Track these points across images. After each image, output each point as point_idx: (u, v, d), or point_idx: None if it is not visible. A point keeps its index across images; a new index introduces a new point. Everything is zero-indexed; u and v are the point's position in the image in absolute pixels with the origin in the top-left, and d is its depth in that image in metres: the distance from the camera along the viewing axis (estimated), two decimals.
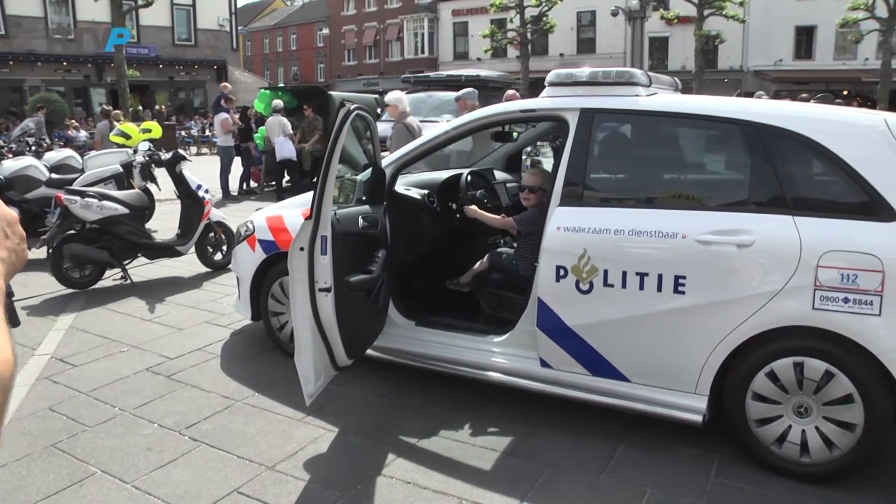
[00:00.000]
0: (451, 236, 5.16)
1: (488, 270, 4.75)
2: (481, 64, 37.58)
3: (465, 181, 5.04)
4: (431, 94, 14.62)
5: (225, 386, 4.68)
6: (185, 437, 3.96)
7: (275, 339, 5.23)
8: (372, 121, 4.44)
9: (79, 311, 6.48)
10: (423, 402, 4.36)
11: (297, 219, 4.64)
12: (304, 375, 3.77)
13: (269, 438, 3.93)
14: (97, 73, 35.48)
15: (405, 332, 4.57)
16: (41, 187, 8.93)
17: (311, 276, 3.71)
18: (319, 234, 3.68)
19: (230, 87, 15.72)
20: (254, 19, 65.28)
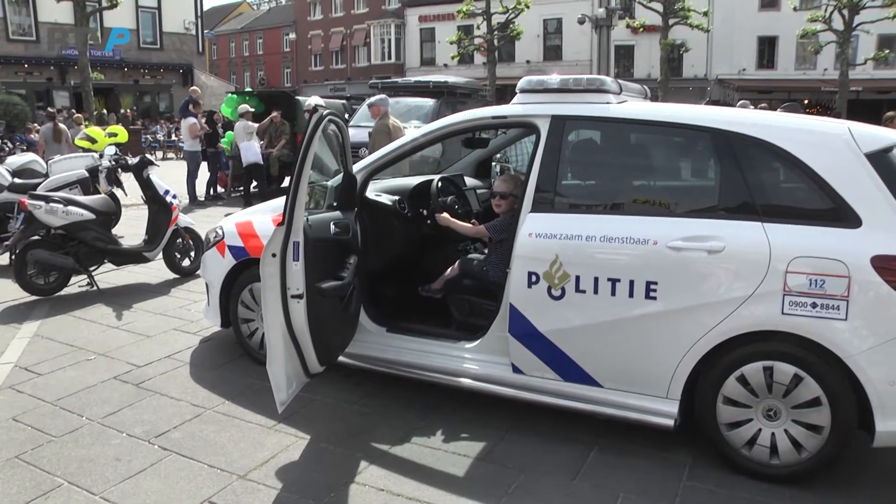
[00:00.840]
0: (422, 242, 5.15)
1: (459, 277, 4.75)
2: (448, 70, 37.73)
3: (435, 187, 5.04)
4: (399, 101, 14.60)
5: (195, 394, 4.62)
6: (154, 447, 3.90)
7: (245, 346, 5.18)
8: (343, 126, 4.44)
9: (43, 318, 6.35)
10: (395, 409, 4.35)
11: (267, 225, 4.62)
12: (275, 383, 3.73)
13: (241, 447, 3.88)
14: (60, 76, 34.88)
15: (376, 339, 4.56)
16: (3, 192, 8.76)
17: (283, 283, 3.68)
18: (292, 240, 3.65)
19: (199, 91, 15.57)
20: (220, 23, 64.81)
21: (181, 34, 40.03)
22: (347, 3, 50.27)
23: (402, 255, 5.07)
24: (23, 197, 7.12)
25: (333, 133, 4.36)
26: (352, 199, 4.47)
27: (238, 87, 47.31)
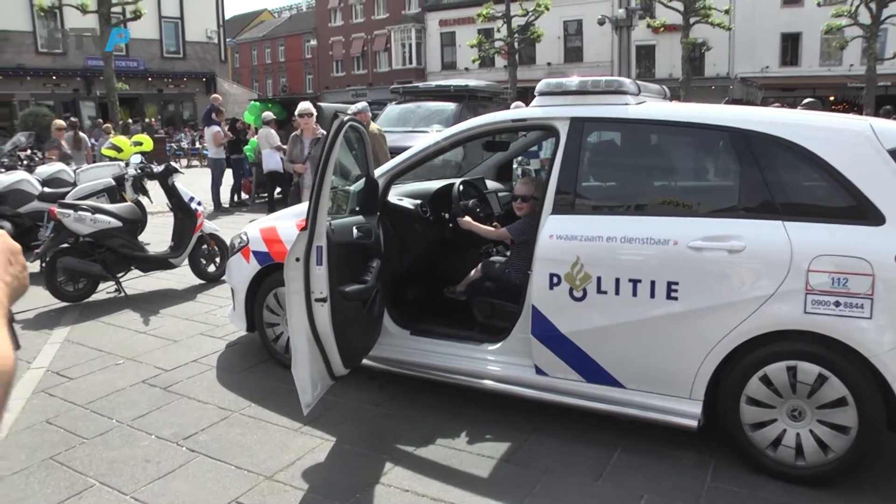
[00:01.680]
0: (444, 245, 5.18)
1: (481, 279, 4.78)
2: (469, 74, 37.71)
3: (457, 191, 5.08)
4: (420, 105, 14.67)
5: (221, 397, 4.69)
6: (182, 449, 3.97)
7: (270, 349, 5.24)
8: (364, 131, 4.48)
9: (73, 324, 6.47)
10: (420, 411, 4.38)
11: (290, 230, 4.67)
12: (301, 385, 3.79)
13: (267, 448, 3.94)
14: (86, 87, 35.45)
15: (400, 342, 4.59)
16: (34, 201, 8.93)
17: (307, 287, 3.73)
18: (315, 244, 3.70)
19: (220, 99, 15.73)
20: (242, 31, 65.37)
21: (203, 43, 40.50)
22: (367, 9, 50.44)
23: (425, 258, 5.11)
24: (52, 206, 7.27)
25: (355, 138, 4.41)
26: (374, 204, 4.51)
27: (260, 94, 47.76)
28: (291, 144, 9.10)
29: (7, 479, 3.66)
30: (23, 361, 5.34)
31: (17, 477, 3.68)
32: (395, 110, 14.96)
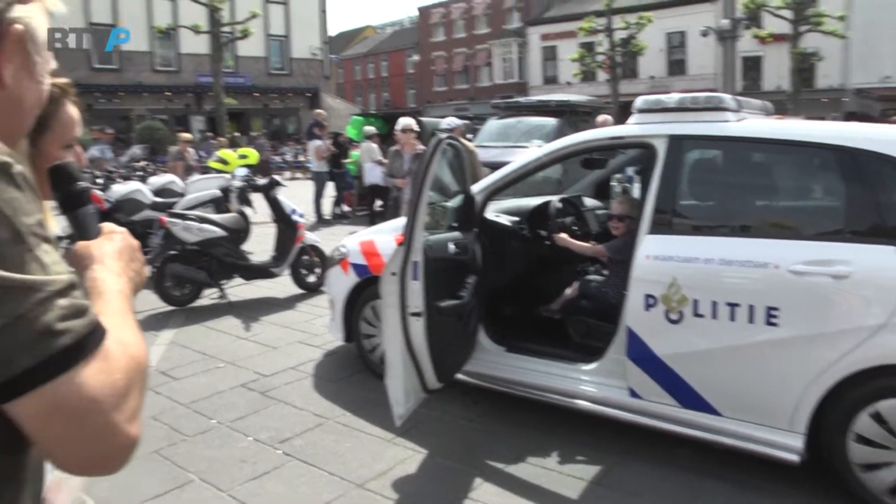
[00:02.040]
0: (540, 263, 5.19)
1: (578, 298, 4.76)
2: (570, 88, 37.49)
3: (554, 208, 5.08)
4: (521, 120, 14.65)
5: (317, 404, 4.82)
6: (278, 452, 4.12)
7: (366, 360, 5.35)
8: (462, 148, 4.54)
9: (179, 327, 6.81)
10: (511, 428, 4.38)
11: (389, 243, 4.76)
12: (394, 397, 3.86)
13: (360, 457, 4.03)
14: (197, 102, 37.37)
15: (495, 358, 4.60)
16: (146, 210, 9.42)
17: (403, 301, 3.80)
18: (411, 259, 3.78)
19: (324, 114, 16.18)
20: (346, 47, 67.05)
21: (308, 60, 41.92)
22: (469, 24, 50.90)
23: (521, 275, 5.12)
24: (162, 215, 7.67)
25: (453, 155, 4.47)
26: (471, 220, 4.56)
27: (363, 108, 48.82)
28: (392, 159, 9.27)
29: None
30: None
31: (127, 466, 3.88)
32: (495, 125, 15.01)
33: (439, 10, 53.33)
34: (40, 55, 1.00)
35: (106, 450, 0.87)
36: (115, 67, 35.13)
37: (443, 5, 53.33)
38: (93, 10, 33.98)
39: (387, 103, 58.68)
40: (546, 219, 5.10)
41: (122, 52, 35.17)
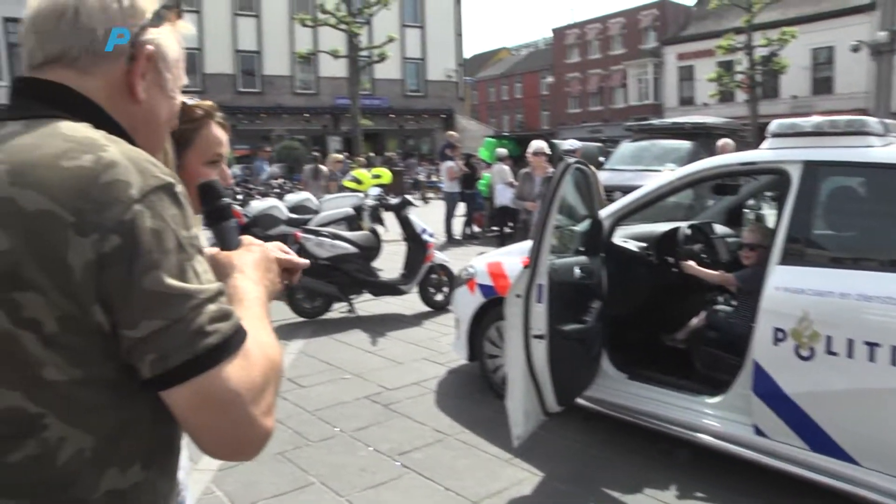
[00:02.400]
0: (667, 290, 5.10)
1: (704, 328, 4.65)
2: (708, 109, 36.35)
3: (682, 235, 4.99)
4: (654, 143, 14.35)
5: (438, 420, 4.93)
6: (397, 464, 4.25)
7: (489, 380, 5.42)
8: (591, 173, 4.55)
9: (308, 338, 7.14)
10: (630, 457, 4.32)
11: (516, 265, 4.81)
12: (513, 418, 3.90)
13: (477, 475, 4.09)
14: (334, 123, 39.01)
15: (616, 385, 4.55)
16: (281, 226, 9.92)
17: (526, 323, 3.85)
18: (536, 282, 3.82)
19: (456, 135, 16.49)
20: (481, 69, 67.94)
21: (443, 82, 42.86)
22: (604, 45, 50.43)
23: (647, 302, 5.06)
24: (297, 230, 8.06)
25: (581, 179, 4.49)
26: (598, 244, 4.56)
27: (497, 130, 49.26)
28: (522, 181, 9.35)
29: (246, 465, 4.14)
30: None
31: (251, 464, 4.14)
32: (628, 148, 14.81)
33: (574, 31, 53.17)
34: (170, 72, 1.14)
35: (243, 438, 0.97)
36: (258, 91, 37.52)
37: (577, 26, 53.14)
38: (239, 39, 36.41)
39: (520, 125, 58.94)
40: (674, 245, 5.02)
41: (265, 76, 37.74)
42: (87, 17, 1.04)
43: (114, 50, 1.06)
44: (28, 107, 1.04)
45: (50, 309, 0.89)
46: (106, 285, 0.90)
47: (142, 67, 1.08)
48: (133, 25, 1.07)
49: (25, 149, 0.94)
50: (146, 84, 1.10)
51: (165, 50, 1.12)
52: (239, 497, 3.83)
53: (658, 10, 46.84)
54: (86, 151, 0.93)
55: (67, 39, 1.04)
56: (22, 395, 0.90)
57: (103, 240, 0.89)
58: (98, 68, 1.06)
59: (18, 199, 0.90)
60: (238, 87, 37.15)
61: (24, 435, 0.91)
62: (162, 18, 1.12)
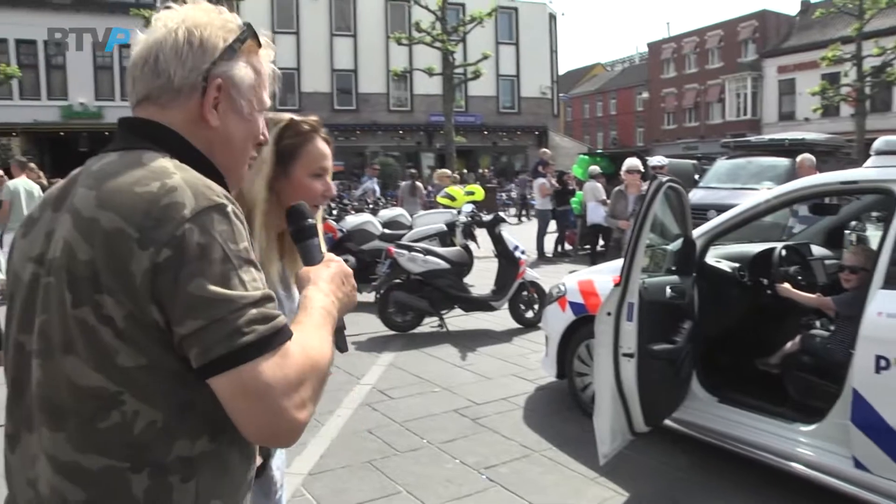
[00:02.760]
0: (760, 312, 4.99)
1: (799, 352, 4.53)
2: (809, 124, 34.95)
3: (778, 256, 4.89)
4: (751, 160, 13.99)
5: (525, 436, 4.97)
6: (483, 477, 4.31)
7: (577, 398, 5.43)
8: (684, 192, 4.51)
9: (398, 351, 7.31)
10: (719, 482, 4.24)
11: (607, 284, 4.82)
12: (600, 436, 3.91)
13: (562, 491, 4.12)
14: (427, 140, 39.69)
15: (706, 408, 4.47)
16: (375, 240, 10.16)
17: (616, 341, 3.86)
18: (627, 300, 3.83)
19: (549, 152, 16.50)
20: (575, 85, 67.62)
21: (537, 98, 42.90)
22: (701, 59, 49.29)
23: (739, 324, 4.97)
24: (390, 245, 8.26)
25: (674, 198, 4.46)
26: (690, 264, 4.52)
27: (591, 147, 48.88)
28: (615, 199, 9.28)
29: (336, 471, 4.36)
30: (353, 377, 6.23)
31: (343, 471, 4.37)
32: (724, 166, 14.48)
33: (670, 45, 52.25)
34: (245, 98, 1.30)
35: (274, 426, 1.11)
36: (353, 108, 38.46)
37: (673, 40, 52.27)
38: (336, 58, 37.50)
39: (614, 142, 58.31)
40: (769, 267, 4.92)
41: (360, 94, 38.82)
42: (164, 62, 1.23)
43: (185, 86, 1.24)
44: (125, 139, 1.25)
45: (120, 308, 1.08)
46: (159, 289, 1.07)
47: (212, 98, 1.26)
48: (204, 62, 1.24)
49: (112, 177, 1.15)
50: (220, 111, 1.27)
51: (238, 79, 1.28)
52: (327, 501, 3.99)
53: (758, 22, 45.52)
54: (156, 179, 1.12)
55: (150, 81, 1.25)
56: (104, 377, 1.10)
57: (158, 252, 1.07)
58: (176, 102, 1.25)
59: (101, 220, 1.10)
60: (334, 105, 38.23)
61: (109, 407, 1.11)
62: (235, 51, 1.27)
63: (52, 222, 1.19)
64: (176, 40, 1.23)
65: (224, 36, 1.27)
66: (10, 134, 33.63)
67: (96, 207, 1.12)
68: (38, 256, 1.19)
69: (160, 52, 1.24)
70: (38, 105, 33.47)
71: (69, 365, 1.11)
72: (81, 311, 1.10)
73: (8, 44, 32.26)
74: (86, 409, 1.11)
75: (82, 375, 1.10)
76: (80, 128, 34.10)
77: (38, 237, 1.21)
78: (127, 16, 28.18)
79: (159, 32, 1.25)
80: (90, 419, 1.11)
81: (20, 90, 32.45)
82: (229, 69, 1.27)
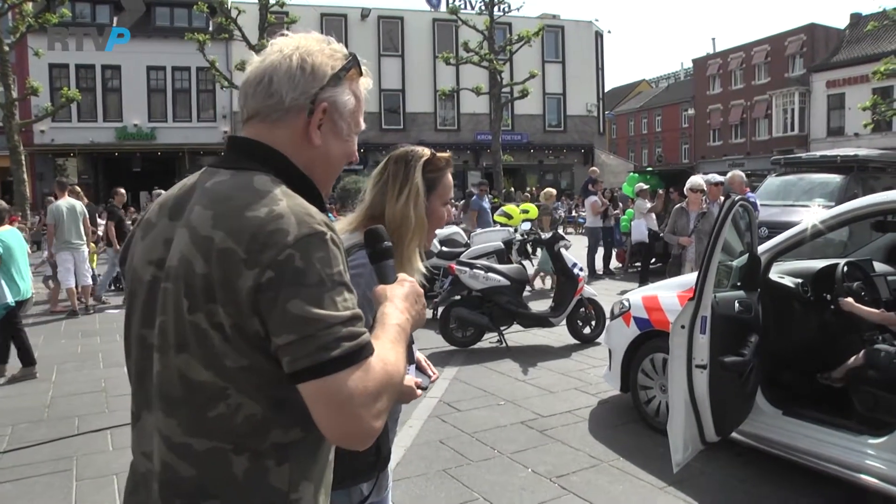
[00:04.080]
0: (823, 328, 5.10)
1: (864, 367, 4.62)
2: (859, 140, 34.37)
3: (840, 272, 5.00)
4: (802, 177, 13.82)
5: (592, 447, 5.14)
6: (555, 485, 4.49)
7: (641, 411, 5.57)
8: (751, 209, 4.65)
9: (460, 365, 7.52)
10: (785, 495, 4.32)
11: (671, 300, 4.99)
12: (673, 444, 4.07)
13: (632, 499, 4.28)
14: (474, 159, 40.03)
15: (771, 420, 4.59)
16: (433, 258, 10.41)
17: (690, 353, 4.03)
18: (700, 314, 4.01)
19: (598, 171, 16.62)
20: (620, 103, 67.46)
21: (583, 116, 43.03)
22: (748, 74, 48.82)
23: (803, 339, 5.08)
24: (451, 263, 8.48)
25: (741, 215, 4.61)
26: (755, 280, 4.66)
27: (636, 164, 48.64)
28: (676, 216, 9.35)
29: (413, 479, 4.58)
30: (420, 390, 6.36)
31: (418, 479, 4.58)
32: (774, 182, 14.39)
33: (716, 62, 51.90)
34: (345, 121, 1.46)
35: (350, 431, 1.23)
36: (400, 128, 39.09)
37: (719, 55, 51.93)
38: (384, 79, 38.09)
39: (659, 159, 57.90)
40: (832, 282, 5.03)
41: (408, 113, 39.50)
42: (278, 84, 1.38)
43: (295, 107, 1.39)
44: (235, 159, 1.40)
45: (228, 317, 1.23)
46: (260, 305, 1.21)
47: (318, 119, 1.41)
48: (313, 87, 1.40)
49: (226, 199, 1.30)
50: (323, 132, 1.42)
51: (341, 104, 1.44)
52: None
53: (806, 35, 45.03)
54: (264, 205, 1.26)
55: (262, 101, 1.40)
56: (213, 373, 1.27)
57: (262, 273, 1.21)
58: (284, 122, 1.40)
59: (215, 238, 1.25)
60: (382, 124, 38.83)
61: (216, 399, 1.28)
62: (340, 78, 1.43)
63: (170, 231, 1.36)
64: (290, 65, 1.38)
65: (332, 64, 1.42)
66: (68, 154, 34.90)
67: (212, 228, 1.27)
68: (158, 261, 1.35)
69: (274, 74, 1.38)
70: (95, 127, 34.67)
71: (183, 361, 1.29)
72: (196, 316, 1.26)
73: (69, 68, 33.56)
74: (196, 400, 1.29)
75: (194, 371, 1.28)
76: (133, 148, 35.33)
77: (157, 242, 1.38)
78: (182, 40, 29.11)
79: (274, 57, 1.40)
80: (200, 408, 1.29)
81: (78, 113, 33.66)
82: (334, 94, 1.42)
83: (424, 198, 2.13)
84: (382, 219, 2.11)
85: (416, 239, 2.11)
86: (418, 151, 2.18)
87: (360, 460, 2.01)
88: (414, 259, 2.11)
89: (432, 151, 2.22)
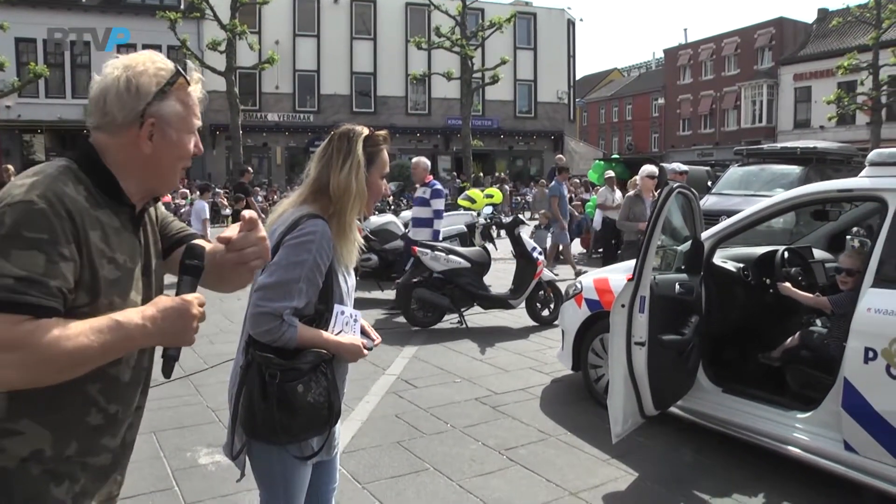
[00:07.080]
0: (763, 310, 5.34)
1: (798, 347, 4.87)
2: (824, 133, 35.00)
3: (780, 258, 5.23)
4: (764, 168, 14.11)
5: (542, 422, 5.34)
6: (503, 457, 4.69)
7: (591, 389, 5.79)
8: (694, 197, 4.86)
9: (421, 344, 7.71)
10: (722, 466, 4.57)
11: (620, 282, 5.16)
12: (613, 417, 4.29)
13: (576, 471, 4.48)
14: (445, 143, 40.10)
15: (711, 397, 4.82)
16: (397, 240, 10.55)
17: (629, 331, 4.25)
18: (639, 294, 4.22)
19: (563, 158, 16.81)
20: (591, 91, 67.70)
21: (554, 103, 43.26)
22: (718, 66, 49.37)
23: (744, 320, 5.32)
24: (414, 245, 8.62)
25: (684, 202, 4.82)
26: (698, 264, 4.87)
27: (606, 152, 49.03)
28: (631, 203, 9.55)
29: (367, 450, 4.76)
30: (379, 368, 6.62)
31: (374, 450, 4.77)
32: (737, 173, 14.66)
33: (686, 52, 52.35)
34: (173, 128, 1.64)
35: None
36: (371, 111, 38.97)
37: (690, 46, 52.32)
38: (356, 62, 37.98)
39: (629, 147, 58.36)
40: (772, 267, 5.27)
41: (379, 97, 39.52)
42: (110, 104, 1.59)
43: (125, 123, 1.60)
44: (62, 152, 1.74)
45: None
46: None
47: (147, 132, 1.61)
48: (140, 104, 1.59)
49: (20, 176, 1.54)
50: (154, 141, 1.62)
51: (167, 115, 1.63)
52: (361, 475, 4.37)
53: (775, 29, 45.60)
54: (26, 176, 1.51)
55: (100, 118, 1.61)
56: None
57: None
58: (119, 134, 1.61)
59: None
60: (353, 107, 38.75)
61: None
62: (165, 93, 1.62)
63: None
64: (118, 87, 1.59)
65: (157, 80, 1.62)
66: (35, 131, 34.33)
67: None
68: None
69: (107, 95, 1.60)
70: (63, 103, 34.14)
71: None
72: None
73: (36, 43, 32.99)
74: None
75: None
76: None
77: None
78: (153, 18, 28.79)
79: (108, 79, 1.60)
80: None
81: (46, 89, 33.14)
82: (161, 108, 1.62)
83: (365, 170, 2.34)
84: (328, 189, 2.31)
85: (357, 207, 2.33)
86: (359, 129, 2.39)
87: (314, 416, 2.19)
88: (351, 230, 2.35)
89: (371, 128, 2.42)
